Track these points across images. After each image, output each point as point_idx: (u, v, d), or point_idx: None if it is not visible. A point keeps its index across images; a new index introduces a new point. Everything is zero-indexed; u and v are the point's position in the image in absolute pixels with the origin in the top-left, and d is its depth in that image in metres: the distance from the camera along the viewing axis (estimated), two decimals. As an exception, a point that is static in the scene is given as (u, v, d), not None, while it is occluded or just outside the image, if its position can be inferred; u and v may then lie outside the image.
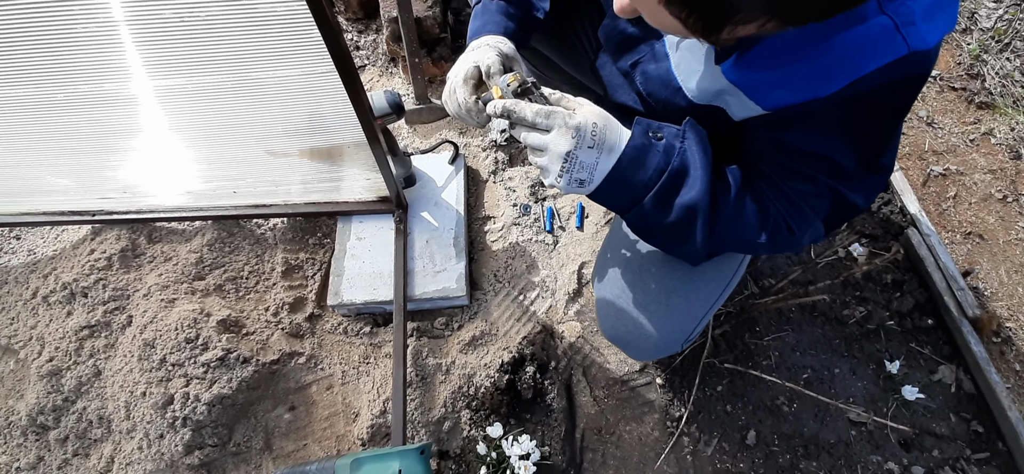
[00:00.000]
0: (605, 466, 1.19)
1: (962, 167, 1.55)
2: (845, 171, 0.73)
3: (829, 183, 0.74)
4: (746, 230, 0.77)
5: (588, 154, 0.71)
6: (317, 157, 1.20)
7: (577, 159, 0.71)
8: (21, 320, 1.38)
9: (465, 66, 0.85)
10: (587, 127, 0.71)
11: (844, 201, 0.76)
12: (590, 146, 0.71)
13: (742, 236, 0.77)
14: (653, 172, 0.72)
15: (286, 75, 1.00)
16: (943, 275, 1.33)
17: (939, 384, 1.23)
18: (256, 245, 1.40)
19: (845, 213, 0.79)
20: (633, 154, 0.72)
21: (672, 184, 0.73)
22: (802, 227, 0.77)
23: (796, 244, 0.80)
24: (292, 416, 1.27)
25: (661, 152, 0.73)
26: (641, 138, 0.72)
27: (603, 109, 0.74)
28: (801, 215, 0.77)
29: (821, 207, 0.76)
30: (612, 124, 0.73)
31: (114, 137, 1.16)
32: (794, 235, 0.78)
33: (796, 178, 0.75)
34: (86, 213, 1.35)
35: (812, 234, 0.79)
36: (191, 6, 0.91)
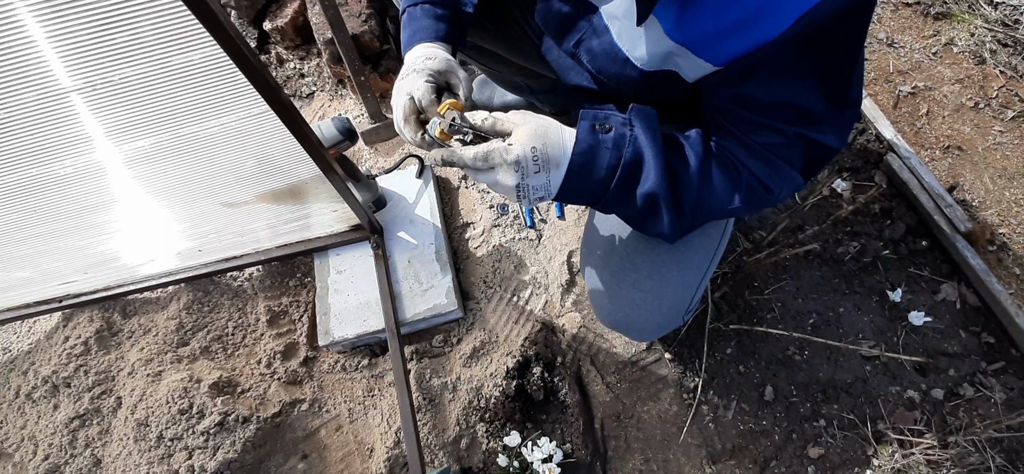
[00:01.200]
0: (630, 451, 1.09)
1: (930, 82, 1.45)
2: (813, 114, 0.66)
3: (798, 131, 0.67)
4: (717, 199, 0.70)
5: (536, 178, 0.65)
6: (278, 199, 1.06)
7: (528, 186, 0.66)
8: (9, 422, 1.24)
9: (401, 101, 0.77)
10: (527, 156, 0.64)
11: (817, 146, 0.69)
12: (536, 171, 0.65)
13: (714, 206, 0.71)
14: (607, 169, 0.66)
15: (223, 123, 0.86)
16: (929, 195, 1.23)
17: (944, 303, 1.14)
18: (236, 299, 1.26)
19: (820, 158, 0.71)
20: (582, 159, 0.66)
21: (629, 177, 0.67)
22: (777, 182, 0.70)
23: (774, 199, 0.73)
24: (306, 465, 1.15)
25: (611, 147, 0.66)
26: (588, 138, 0.66)
27: (541, 120, 0.66)
28: (774, 169, 0.70)
29: (794, 157, 0.69)
30: (552, 137, 0.65)
31: (58, 220, 1.01)
32: (771, 192, 0.71)
33: (763, 132, 0.68)
34: (52, 300, 1.20)
35: (790, 186, 0.72)
36: (105, 73, 0.77)
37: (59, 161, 0.89)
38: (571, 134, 0.66)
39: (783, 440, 1.06)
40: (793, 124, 0.66)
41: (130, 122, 0.86)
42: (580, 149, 0.65)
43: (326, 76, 1.54)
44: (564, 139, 0.66)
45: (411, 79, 0.76)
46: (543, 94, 1.31)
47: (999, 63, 1.46)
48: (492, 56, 1.16)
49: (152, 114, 0.85)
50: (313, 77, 1.58)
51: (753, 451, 1.06)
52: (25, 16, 0.69)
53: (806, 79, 0.63)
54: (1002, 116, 1.38)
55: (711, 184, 0.69)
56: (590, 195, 0.68)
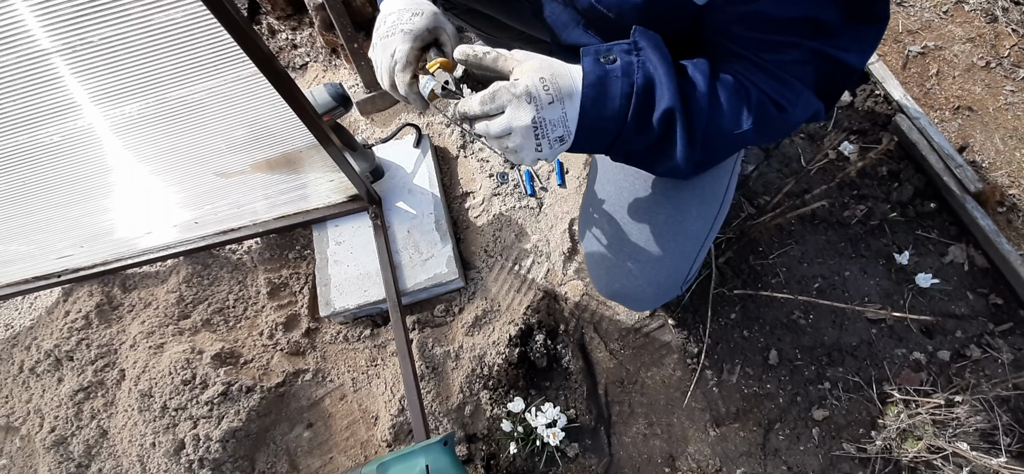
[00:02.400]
0: (634, 415, 1.07)
1: (940, 41, 1.38)
2: (830, 27, 0.60)
3: (813, 47, 0.61)
4: (727, 120, 0.64)
5: (552, 110, 0.59)
6: (273, 168, 1.01)
7: (545, 122, 0.59)
8: (15, 396, 1.22)
9: (385, 62, 0.71)
10: (537, 86, 0.59)
11: (835, 63, 0.62)
12: (550, 102, 0.59)
13: (724, 128, 0.64)
14: (621, 99, 0.60)
15: (209, 87, 0.81)
16: (939, 155, 1.18)
17: (951, 265, 1.10)
18: (235, 271, 1.22)
19: (839, 77, 0.65)
20: (594, 91, 0.60)
21: (644, 102, 0.61)
22: (792, 100, 0.64)
23: (789, 122, 0.65)
24: (311, 433, 1.13)
25: (620, 75, 0.60)
26: (595, 69, 0.60)
27: (545, 56, 0.62)
28: (787, 87, 0.64)
29: (808, 74, 0.63)
30: (558, 68, 0.61)
31: (50, 190, 0.97)
32: (785, 112, 0.64)
33: (775, 49, 0.62)
34: (50, 275, 1.16)
35: (805, 107, 0.65)
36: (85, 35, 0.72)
37: (45, 128, 0.84)
38: (577, 69, 0.60)
39: (787, 403, 1.03)
40: (808, 38, 0.60)
41: (115, 86, 0.80)
42: (590, 80, 0.59)
43: (319, 46, 1.48)
44: (571, 72, 0.60)
45: (396, 39, 0.70)
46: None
47: (1011, 21, 1.38)
48: (487, 20, 1.10)
49: (136, 77, 0.80)
50: (306, 47, 1.52)
51: (757, 414, 1.03)
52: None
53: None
54: (1014, 75, 1.31)
55: (718, 104, 0.63)
56: (609, 132, 0.62)
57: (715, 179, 0.83)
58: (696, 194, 0.81)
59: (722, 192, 0.84)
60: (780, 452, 1.01)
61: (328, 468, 1.10)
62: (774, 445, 1.01)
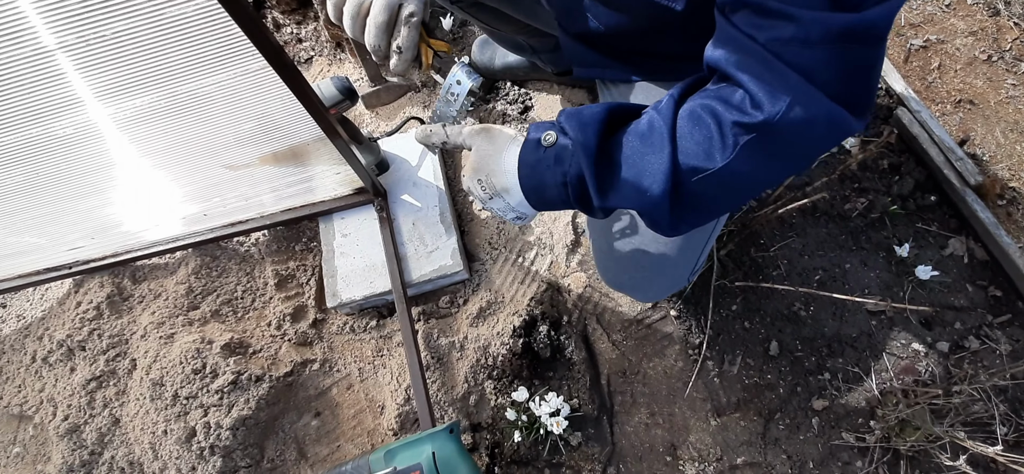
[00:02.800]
0: (636, 405, 1.08)
1: (942, 35, 1.37)
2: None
3: (818, 18, 0.45)
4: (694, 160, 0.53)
5: (494, 203, 0.63)
6: (281, 161, 1.02)
7: (494, 210, 0.65)
8: (28, 386, 1.23)
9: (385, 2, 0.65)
10: (474, 186, 0.63)
11: (853, 35, 0.46)
12: (490, 197, 0.63)
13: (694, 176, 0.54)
14: (558, 188, 0.59)
15: (219, 81, 0.82)
16: (939, 149, 1.18)
17: (951, 258, 1.11)
18: (243, 263, 1.24)
19: (865, 56, 0.48)
20: (530, 183, 0.60)
21: (582, 192, 0.58)
22: (773, 93, 0.48)
23: (792, 139, 0.50)
24: (319, 422, 1.14)
25: (552, 164, 0.58)
26: (528, 157, 0.59)
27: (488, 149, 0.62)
28: (775, 74, 0.49)
29: (815, 62, 0.47)
30: (493, 167, 0.62)
31: (60, 183, 0.98)
32: (755, 112, 0.49)
33: (772, 20, 0.47)
34: (62, 267, 1.18)
35: (800, 113, 0.48)
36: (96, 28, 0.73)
37: (57, 121, 0.85)
38: (514, 156, 0.60)
39: (788, 393, 1.05)
40: (823, 8, 0.45)
41: (125, 80, 0.81)
42: (525, 170, 0.59)
43: (324, 40, 1.48)
44: (505, 169, 0.61)
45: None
46: (545, 54, 1.25)
47: (1013, 15, 1.38)
48: (493, 13, 1.10)
49: (147, 71, 0.80)
50: (310, 41, 1.52)
51: (758, 404, 1.05)
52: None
53: None
54: (1015, 69, 1.31)
55: (678, 148, 0.53)
56: (561, 208, 0.61)
57: None
58: None
59: None
60: (780, 441, 1.02)
61: (336, 456, 1.12)
62: (774, 434, 1.03)
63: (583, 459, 1.05)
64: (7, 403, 1.23)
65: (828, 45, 0.46)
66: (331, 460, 1.12)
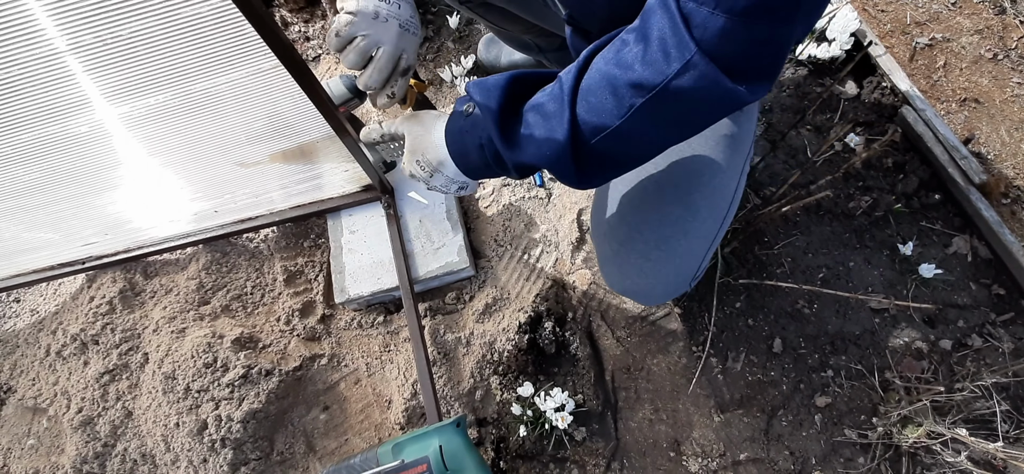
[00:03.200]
0: (640, 401, 1.09)
1: (948, 33, 1.37)
2: None
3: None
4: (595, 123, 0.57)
5: (436, 179, 0.69)
6: (290, 159, 1.04)
7: (437, 187, 0.70)
8: (42, 379, 1.26)
9: (391, 55, 0.77)
10: (415, 168, 0.69)
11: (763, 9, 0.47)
12: (430, 175, 0.69)
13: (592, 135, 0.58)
14: (478, 151, 0.66)
15: (232, 80, 0.83)
16: (944, 147, 1.18)
17: (955, 256, 1.11)
18: (253, 259, 1.25)
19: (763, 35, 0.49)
20: (457, 150, 0.68)
21: (496, 152, 0.66)
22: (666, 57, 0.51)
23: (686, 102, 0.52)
24: (327, 416, 1.16)
25: (470, 129, 0.67)
26: (454, 123, 0.68)
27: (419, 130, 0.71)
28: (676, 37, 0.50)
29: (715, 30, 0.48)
30: (426, 144, 0.70)
31: (76, 180, 0.99)
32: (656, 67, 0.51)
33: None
34: (75, 262, 1.20)
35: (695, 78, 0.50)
36: (113, 28, 0.74)
37: (74, 119, 0.87)
38: (442, 130, 0.69)
39: (791, 390, 1.05)
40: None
41: (140, 79, 0.83)
42: (451, 138, 0.67)
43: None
44: (435, 139, 0.69)
45: (411, 40, 0.77)
46: (552, 52, 1.26)
47: (1020, 13, 1.38)
48: (501, 13, 1.11)
49: (161, 70, 0.82)
50: (318, 40, 1.53)
51: (761, 400, 1.06)
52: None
53: None
54: (1021, 68, 1.31)
55: (576, 107, 0.57)
56: (490, 172, 0.69)
57: (725, 180, 0.84)
58: (706, 194, 0.83)
59: (731, 193, 0.86)
60: (783, 437, 1.03)
61: (343, 449, 1.14)
62: (777, 431, 1.04)
63: (587, 454, 1.06)
64: (21, 396, 1.25)
65: (735, 17, 0.47)
66: (339, 453, 1.13)
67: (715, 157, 0.83)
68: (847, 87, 1.31)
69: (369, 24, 0.76)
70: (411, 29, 0.79)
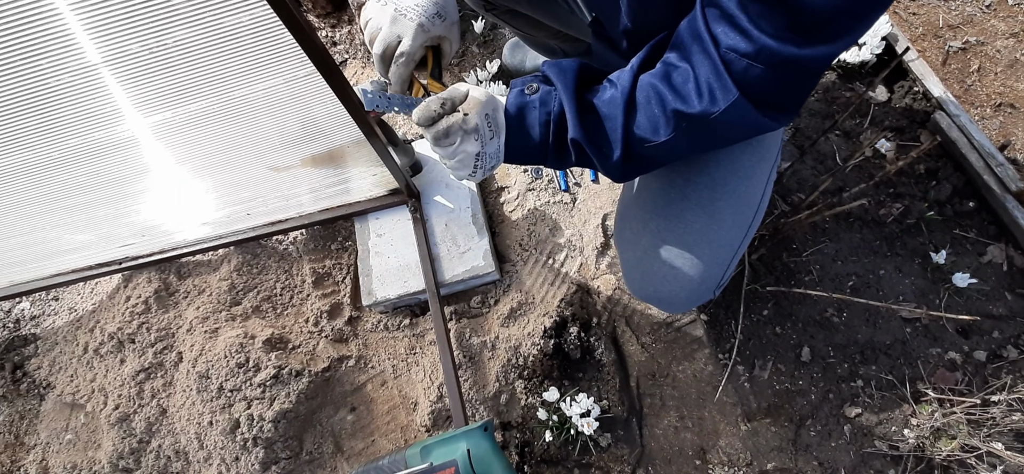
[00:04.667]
0: (665, 408, 1.09)
1: (982, 37, 1.34)
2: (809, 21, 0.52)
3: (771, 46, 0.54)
4: (642, 131, 0.66)
5: (491, 144, 0.70)
6: (320, 163, 1.05)
7: (486, 154, 0.70)
8: (80, 376, 1.30)
9: (386, 35, 0.76)
10: (482, 124, 0.68)
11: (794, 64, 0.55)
12: (491, 137, 0.69)
13: (640, 141, 0.66)
14: (540, 127, 0.68)
15: (269, 86, 0.85)
16: (979, 154, 1.16)
17: (990, 265, 1.09)
18: (282, 261, 1.28)
19: (799, 81, 0.58)
20: (516, 123, 0.69)
21: (561, 128, 0.68)
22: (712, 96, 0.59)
23: (718, 128, 0.61)
24: (354, 417, 1.18)
25: (538, 106, 0.68)
26: (517, 100, 0.69)
27: (489, 92, 0.71)
28: (718, 80, 0.59)
29: (753, 75, 0.57)
30: (498, 103, 0.70)
31: (117, 184, 1.02)
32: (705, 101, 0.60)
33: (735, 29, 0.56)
34: (112, 263, 1.23)
35: (734, 114, 0.59)
36: (160, 37, 0.76)
37: (118, 125, 0.89)
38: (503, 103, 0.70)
39: (819, 399, 1.04)
40: (780, 38, 0.53)
41: (184, 86, 0.85)
42: (511, 112, 0.68)
43: (358, 43, 1.51)
44: (501, 107, 0.70)
45: (410, 26, 0.75)
46: (577, 58, 1.26)
47: (1058, 15, 1.34)
48: (526, 20, 1.11)
49: (202, 78, 0.84)
50: (344, 45, 1.55)
51: (789, 410, 1.04)
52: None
53: None
54: (1060, 72, 1.27)
55: (633, 122, 0.66)
56: (534, 153, 0.71)
57: (750, 187, 0.84)
58: (731, 202, 0.82)
59: (757, 201, 0.85)
60: (811, 448, 1.02)
61: (370, 450, 1.15)
62: (805, 441, 1.02)
63: (612, 460, 1.06)
64: (60, 392, 1.29)
65: (771, 68, 0.56)
66: (366, 454, 1.15)
67: (740, 164, 0.83)
68: (878, 92, 1.29)
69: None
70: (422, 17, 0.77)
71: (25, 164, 0.95)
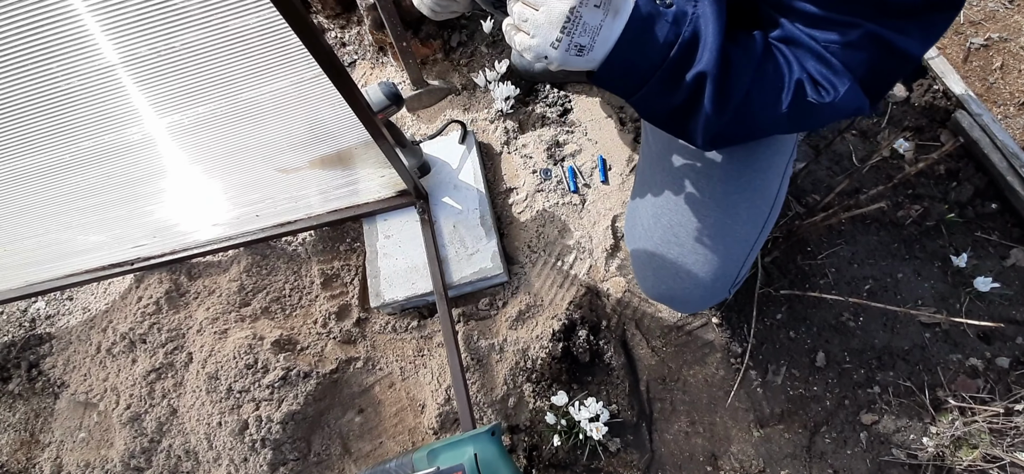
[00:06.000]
0: (676, 413, 1.07)
1: (1005, 33, 1.30)
2: (897, 7, 0.55)
3: (869, 30, 0.56)
4: (766, 96, 0.62)
5: (594, 14, 0.54)
6: (328, 164, 1.05)
7: (581, 18, 0.54)
8: (93, 375, 1.31)
9: None
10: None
11: (890, 50, 0.58)
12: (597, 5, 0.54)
13: (759, 106, 0.62)
14: (663, 44, 0.58)
15: (277, 88, 0.84)
16: (1002, 154, 1.12)
17: (1014, 269, 1.05)
18: (291, 262, 1.28)
19: (893, 67, 0.60)
20: (640, 24, 0.56)
21: (683, 57, 0.58)
22: (835, 88, 0.61)
23: (828, 113, 0.61)
24: (362, 418, 1.18)
25: (670, 22, 0.58)
26: (648, 5, 0.57)
27: None
28: (834, 73, 0.61)
29: (859, 61, 0.59)
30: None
31: (128, 185, 1.03)
32: (825, 100, 0.60)
33: (831, 27, 0.59)
34: (124, 263, 1.24)
35: (848, 99, 0.61)
36: (168, 41, 0.76)
37: (129, 128, 0.90)
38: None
39: (835, 406, 1.02)
40: (867, 18, 0.56)
41: (192, 88, 0.85)
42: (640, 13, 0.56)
43: (367, 43, 1.51)
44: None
45: None
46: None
47: (1086, 10, 1.29)
48: None
49: (210, 80, 0.84)
50: (354, 45, 1.55)
51: (803, 416, 1.02)
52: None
53: None
54: (1087, 68, 1.23)
55: (764, 81, 0.61)
56: (637, 73, 0.59)
57: (766, 181, 0.82)
58: (745, 197, 0.80)
59: (773, 195, 0.83)
60: (826, 455, 0.99)
61: (378, 452, 1.15)
62: (820, 448, 1.00)
63: (622, 465, 1.05)
64: (74, 391, 1.30)
65: (872, 49, 0.58)
66: (374, 456, 1.15)
67: (755, 158, 0.80)
68: (896, 90, 1.25)
69: None
70: None
71: (39, 166, 0.96)
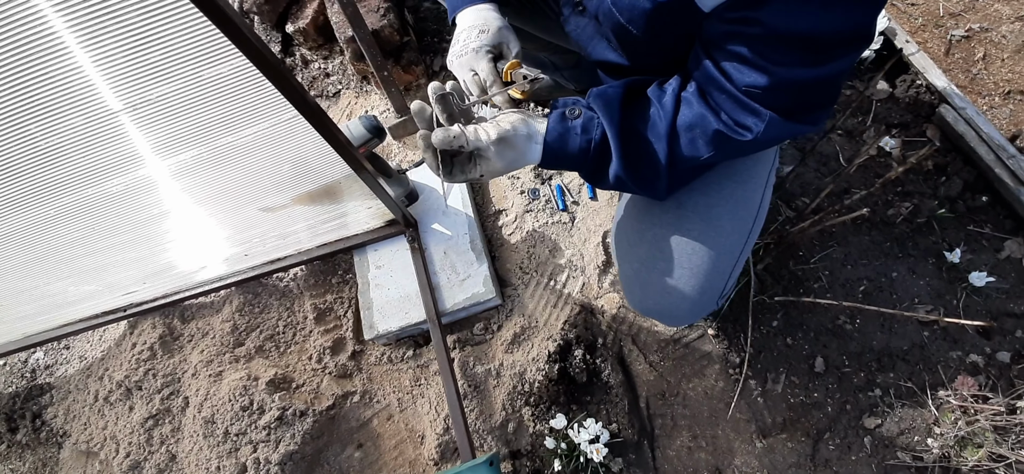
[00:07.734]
0: (677, 428, 1.06)
1: (985, 23, 1.30)
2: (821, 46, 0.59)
3: (793, 75, 0.61)
4: (686, 151, 0.69)
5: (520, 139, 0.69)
6: (315, 199, 1.05)
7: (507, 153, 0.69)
8: (92, 424, 1.30)
9: (470, 81, 0.77)
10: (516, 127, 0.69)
11: (810, 85, 0.62)
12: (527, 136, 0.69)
13: (683, 160, 0.69)
14: (579, 152, 0.69)
15: (255, 131, 0.84)
16: (989, 146, 1.12)
17: (1008, 261, 1.04)
18: (283, 298, 1.27)
19: (815, 96, 0.65)
20: (555, 148, 0.69)
21: (601, 155, 0.70)
22: (746, 127, 0.65)
23: (751, 146, 0.67)
24: (362, 453, 1.16)
25: (580, 132, 0.69)
26: (558, 126, 0.69)
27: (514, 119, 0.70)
28: (746, 111, 0.65)
29: (780, 101, 0.63)
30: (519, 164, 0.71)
31: (115, 235, 1.03)
32: (742, 132, 0.66)
33: (753, 71, 0.62)
34: (117, 310, 1.23)
35: (771, 133, 0.65)
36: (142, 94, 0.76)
37: (111, 180, 0.90)
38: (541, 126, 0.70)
39: (836, 411, 1.00)
40: (793, 66, 0.60)
41: (171, 137, 0.85)
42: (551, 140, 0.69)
43: (350, 73, 1.51)
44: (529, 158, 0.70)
45: (470, 58, 0.78)
46: (567, 70, 1.25)
47: (1064, -6, 1.29)
48: (519, 33, 1.10)
49: (190, 128, 0.84)
50: (338, 76, 1.55)
51: (805, 424, 1.01)
52: (72, 45, 0.67)
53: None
54: (1069, 53, 1.23)
55: (678, 143, 0.68)
56: (567, 163, 0.71)
57: (748, 192, 0.81)
58: (728, 209, 0.80)
59: (756, 205, 0.82)
60: (831, 462, 0.98)
61: (379, 486, 1.14)
62: (824, 455, 0.99)
63: (625, 485, 1.03)
64: (75, 440, 1.29)
65: (793, 91, 0.62)
66: (375, 489, 1.13)
67: (735, 169, 0.80)
68: (879, 88, 1.25)
69: None
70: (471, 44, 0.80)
71: (24, 223, 0.96)
